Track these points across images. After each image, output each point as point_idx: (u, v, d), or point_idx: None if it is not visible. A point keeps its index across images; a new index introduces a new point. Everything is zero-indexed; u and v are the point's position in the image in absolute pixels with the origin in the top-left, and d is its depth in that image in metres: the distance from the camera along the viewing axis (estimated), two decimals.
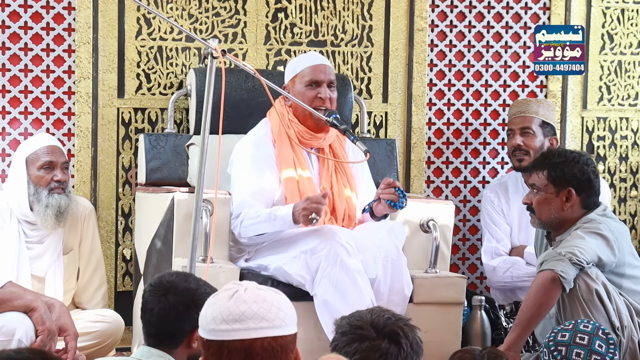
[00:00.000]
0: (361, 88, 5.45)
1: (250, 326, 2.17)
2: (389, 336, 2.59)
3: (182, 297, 3.00)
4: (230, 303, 2.20)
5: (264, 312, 2.18)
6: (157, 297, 3.03)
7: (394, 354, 2.57)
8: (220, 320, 2.19)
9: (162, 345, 3.01)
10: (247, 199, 4.36)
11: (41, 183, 4.39)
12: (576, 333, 3.59)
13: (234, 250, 4.46)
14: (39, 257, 4.42)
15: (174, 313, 2.99)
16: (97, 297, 4.60)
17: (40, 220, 4.38)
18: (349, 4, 5.41)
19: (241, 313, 2.18)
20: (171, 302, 3.00)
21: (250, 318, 2.18)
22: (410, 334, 2.62)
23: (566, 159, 4.21)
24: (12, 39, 5.02)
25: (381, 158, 5.16)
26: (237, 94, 5.00)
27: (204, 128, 3.61)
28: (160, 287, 3.05)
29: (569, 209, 4.18)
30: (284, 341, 2.19)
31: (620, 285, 4.09)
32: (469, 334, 4.68)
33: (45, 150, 4.43)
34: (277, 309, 2.20)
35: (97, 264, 4.62)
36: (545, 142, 5.14)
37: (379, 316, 2.63)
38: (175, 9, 5.19)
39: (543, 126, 5.17)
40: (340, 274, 4.09)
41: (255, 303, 2.19)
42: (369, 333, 2.59)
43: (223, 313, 2.19)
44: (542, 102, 5.28)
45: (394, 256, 4.25)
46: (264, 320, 2.18)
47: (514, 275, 5.04)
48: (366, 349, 2.56)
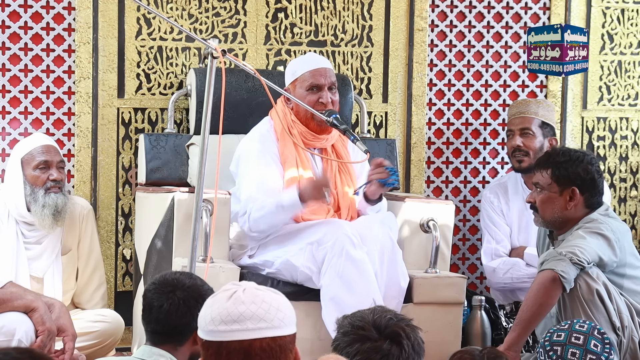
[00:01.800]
0: (361, 88, 5.45)
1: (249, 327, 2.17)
2: (390, 337, 2.58)
3: (192, 292, 3.04)
4: (228, 304, 2.19)
5: (263, 313, 2.18)
6: (164, 294, 3.05)
7: (395, 355, 2.56)
8: (219, 321, 2.19)
9: (168, 343, 3.02)
10: (254, 194, 4.37)
11: (37, 183, 4.38)
12: (572, 333, 3.59)
13: (236, 247, 4.47)
14: (38, 257, 4.42)
15: (183, 308, 3.01)
16: (96, 297, 4.59)
17: (38, 220, 4.37)
18: (349, 4, 5.41)
19: (240, 314, 2.18)
20: (180, 297, 3.03)
21: (248, 319, 2.17)
22: (412, 335, 2.61)
23: (570, 158, 4.21)
24: (12, 39, 5.02)
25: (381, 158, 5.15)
26: (237, 94, 5.00)
27: (204, 128, 3.61)
28: (166, 284, 3.07)
29: (573, 208, 4.17)
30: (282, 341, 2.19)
31: (621, 285, 4.09)
32: (469, 334, 4.68)
33: (40, 150, 4.43)
34: (275, 309, 2.20)
35: (96, 264, 4.62)
36: (545, 143, 5.13)
37: (380, 316, 2.62)
38: (175, 9, 5.19)
39: (543, 127, 5.16)
40: (346, 264, 4.12)
41: (254, 304, 2.19)
42: (370, 334, 2.58)
43: (222, 314, 2.19)
44: (541, 102, 5.27)
45: (389, 248, 4.27)
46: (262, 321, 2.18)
47: (514, 277, 5.04)
48: (367, 350, 2.56)
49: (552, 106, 5.32)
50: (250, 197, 4.38)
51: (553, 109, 5.30)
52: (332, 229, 4.20)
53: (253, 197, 4.37)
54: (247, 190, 4.40)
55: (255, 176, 4.42)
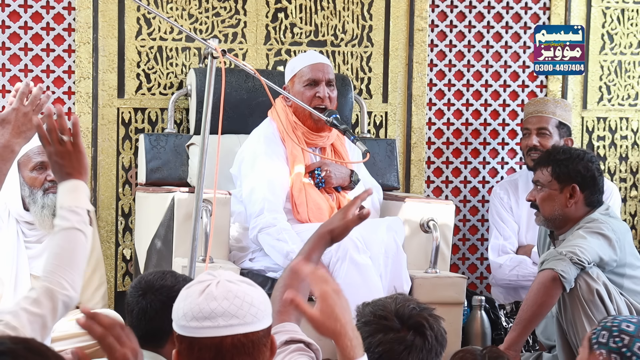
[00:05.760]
0: (361, 88, 5.45)
1: (220, 324, 2.16)
2: (414, 327, 2.50)
3: (159, 296, 2.98)
4: (200, 300, 2.18)
5: (235, 309, 2.16)
6: (135, 297, 3.02)
7: (418, 347, 2.48)
8: (191, 317, 2.18)
9: (147, 346, 2.98)
10: (267, 195, 4.36)
11: (35, 184, 4.38)
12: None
13: (236, 249, 4.47)
14: (38, 256, 4.41)
15: (151, 312, 2.97)
16: (96, 297, 4.59)
17: (38, 221, 4.37)
18: (349, 4, 5.41)
19: (211, 311, 2.16)
20: (148, 301, 2.98)
21: (220, 316, 2.16)
22: (435, 325, 2.54)
23: (570, 156, 4.21)
24: (12, 39, 5.02)
25: (381, 158, 5.16)
26: (237, 94, 5.00)
27: (204, 128, 3.61)
28: (138, 287, 3.04)
29: (573, 206, 4.17)
30: (255, 337, 2.18)
31: (621, 285, 4.09)
32: (469, 334, 4.68)
33: (37, 151, 4.42)
34: (248, 304, 2.18)
35: (97, 264, 4.61)
36: (561, 143, 5.09)
37: (403, 306, 2.54)
38: (175, 9, 5.19)
39: (559, 127, 5.13)
40: (350, 269, 4.12)
41: (226, 300, 2.17)
42: (393, 324, 2.50)
43: (193, 310, 2.18)
44: (559, 102, 5.24)
45: (393, 252, 4.27)
46: (234, 318, 2.16)
47: (520, 274, 5.03)
48: (390, 341, 2.48)
49: (570, 106, 5.30)
50: (264, 198, 4.36)
51: (570, 109, 5.27)
52: None
53: (268, 198, 4.36)
54: (259, 192, 4.38)
55: (265, 176, 4.42)
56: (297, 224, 4.39)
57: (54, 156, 2.66)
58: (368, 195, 2.95)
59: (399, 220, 4.48)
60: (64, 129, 2.66)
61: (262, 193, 4.37)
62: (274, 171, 4.43)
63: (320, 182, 4.49)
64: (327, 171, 4.49)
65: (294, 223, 4.38)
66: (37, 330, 2.48)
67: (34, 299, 2.51)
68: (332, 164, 4.54)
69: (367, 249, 4.20)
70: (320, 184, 4.49)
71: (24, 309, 2.48)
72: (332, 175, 4.50)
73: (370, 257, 4.20)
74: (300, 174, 4.45)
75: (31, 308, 2.49)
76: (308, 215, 4.41)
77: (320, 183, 4.49)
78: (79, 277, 2.62)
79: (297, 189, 4.43)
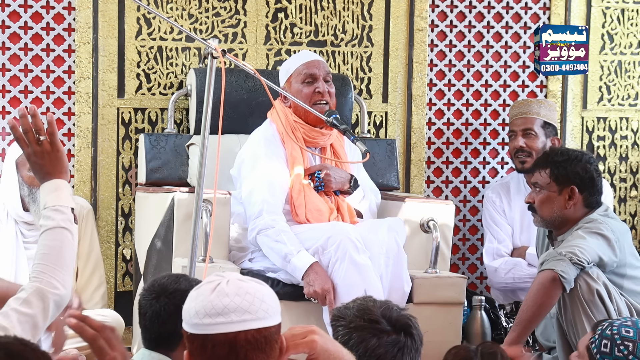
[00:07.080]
0: (361, 88, 5.45)
1: (234, 319, 2.17)
2: (403, 329, 2.56)
3: (173, 299, 2.98)
4: (212, 297, 2.19)
5: (247, 305, 2.18)
6: (149, 300, 3.03)
7: (409, 347, 2.54)
8: (203, 315, 2.19)
9: (159, 348, 3.00)
10: (267, 197, 4.36)
11: (34, 184, 4.38)
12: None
13: (236, 249, 4.47)
14: None
15: (165, 316, 2.98)
16: (96, 297, 4.59)
17: (38, 221, 4.37)
18: (349, 4, 5.41)
19: (224, 306, 2.17)
20: (162, 304, 2.99)
21: (233, 311, 2.17)
22: (417, 325, 2.60)
23: (569, 157, 4.21)
24: (12, 39, 5.02)
25: (381, 158, 5.16)
26: (237, 94, 5.00)
27: (204, 128, 3.61)
28: (152, 290, 3.04)
29: (572, 207, 4.17)
30: (267, 332, 2.19)
31: (621, 285, 4.09)
32: (469, 334, 4.69)
33: None
34: (260, 300, 2.19)
35: (96, 264, 4.61)
36: (547, 143, 5.12)
37: (387, 308, 2.59)
38: (175, 9, 5.19)
39: (545, 127, 5.15)
40: (349, 269, 4.12)
41: (238, 296, 2.18)
42: (385, 327, 2.55)
43: (206, 307, 2.18)
44: (543, 102, 5.27)
45: (394, 252, 4.27)
46: (247, 313, 2.17)
47: (516, 277, 5.04)
48: (386, 344, 2.52)
49: (554, 105, 5.32)
50: (264, 199, 4.36)
51: (554, 108, 5.29)
52: (336, 233, 4.20)
53: (267, 200, 4.36)
54: (258, 193, 4.38)
55: (264, 178, 4.41)
56: (296, 225, 4.39)
57: (33, 157, 2.66)
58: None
59: (400, 220, 4.48)
60: (39, 129, 2.64)
61: (262, 194, 4.36)
62: (274, 173, 4.43)
63: (319, 185, 4.49)
64: (328, 174, 4.49)
65: (293, 224, 4.38)
66: (27, 330, 2.48)
67: (24, 300, 2.51)
68: (333, 167, 4.54)
69: (366, 249, 4.20)
70: (319, 186, 4.49)
71: (14, 309, 2.49)
72: (332, 179, 4.50)
73: (369, 258, 4.20)
74: (299, 175, 4.45)
75: (21, 308, 2.50)
76: (306, 216, 4.41)
77: (319, 186, 4.49)
78: (69, 275, 2.62)
79: (296, 191, 4.43)
